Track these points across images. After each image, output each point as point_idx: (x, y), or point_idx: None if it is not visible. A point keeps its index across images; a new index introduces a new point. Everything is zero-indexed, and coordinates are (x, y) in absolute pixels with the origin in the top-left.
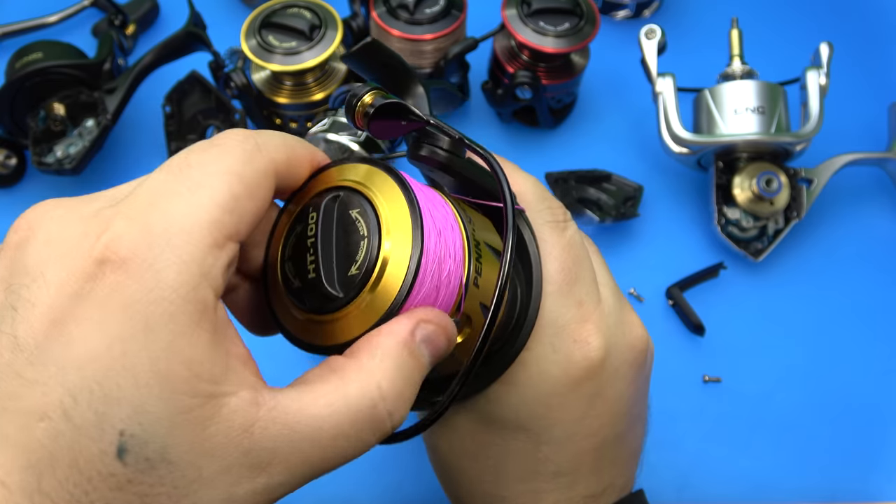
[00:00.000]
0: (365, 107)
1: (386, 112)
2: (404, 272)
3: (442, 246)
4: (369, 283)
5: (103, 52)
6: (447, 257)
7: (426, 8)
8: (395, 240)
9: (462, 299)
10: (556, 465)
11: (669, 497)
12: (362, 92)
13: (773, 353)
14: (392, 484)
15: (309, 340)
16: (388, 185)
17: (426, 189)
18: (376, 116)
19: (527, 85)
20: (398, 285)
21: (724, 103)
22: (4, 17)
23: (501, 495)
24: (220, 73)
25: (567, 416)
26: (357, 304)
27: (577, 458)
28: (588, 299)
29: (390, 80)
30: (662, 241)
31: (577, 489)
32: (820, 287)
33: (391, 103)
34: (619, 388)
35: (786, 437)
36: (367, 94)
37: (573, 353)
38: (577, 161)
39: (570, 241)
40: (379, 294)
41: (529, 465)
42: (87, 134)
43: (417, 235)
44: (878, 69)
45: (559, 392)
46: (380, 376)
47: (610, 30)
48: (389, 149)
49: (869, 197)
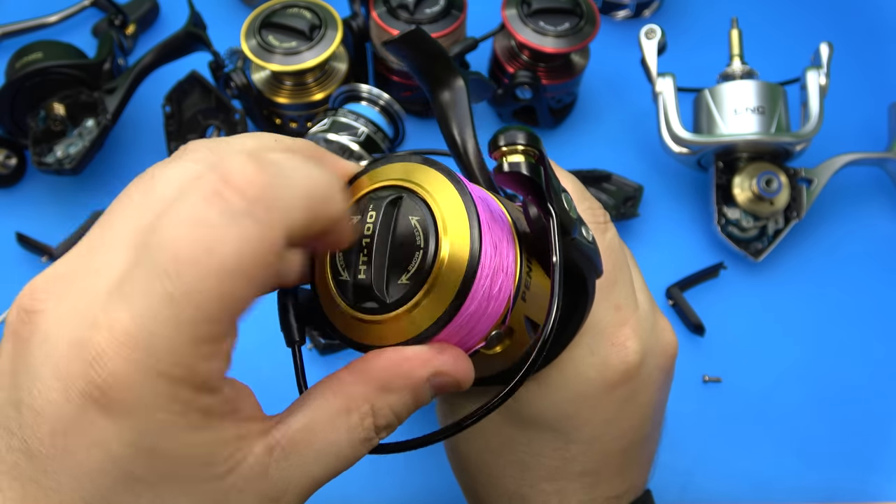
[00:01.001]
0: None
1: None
2: (456, 289)
3: (497, 260)
4: (417, 295)
5: (103, 52)
6: (500, 272)
7: (426, 8)
8: (450, 254)
9: (508, 312)
10: (582, 465)
11: (670, 497)
12: (518, 140)
13: (773, 352)
14: (392, 483)
15: (345, 332)
16: (448, 190)
17: (483, 194)
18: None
19: (527, 85)
20: (446, 304)
21: (724, 103)
22: (4, 17)
23: (523, 493)
24: (220, 73)
25: (598, 418)
26: (400, 313)
27: (603, 458)
28: (626, 303)
29: (431, 71)
30: (662, 241)
31: (601, 489)
32: (820, 287)
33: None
34: (650, 392)
35: (786, 436)
36: (522, 147)
37: (610, 357)
38: (577, 161)
39: (609, 244)
40: (424, 308)
41: (555, 464)
42: (87, 134)
43: (475, 252)
44: (878, 69)
45: (593, 394)
46: (381, 413)
47: (610, 30)
48: (389, 149)
49: (869, 197)
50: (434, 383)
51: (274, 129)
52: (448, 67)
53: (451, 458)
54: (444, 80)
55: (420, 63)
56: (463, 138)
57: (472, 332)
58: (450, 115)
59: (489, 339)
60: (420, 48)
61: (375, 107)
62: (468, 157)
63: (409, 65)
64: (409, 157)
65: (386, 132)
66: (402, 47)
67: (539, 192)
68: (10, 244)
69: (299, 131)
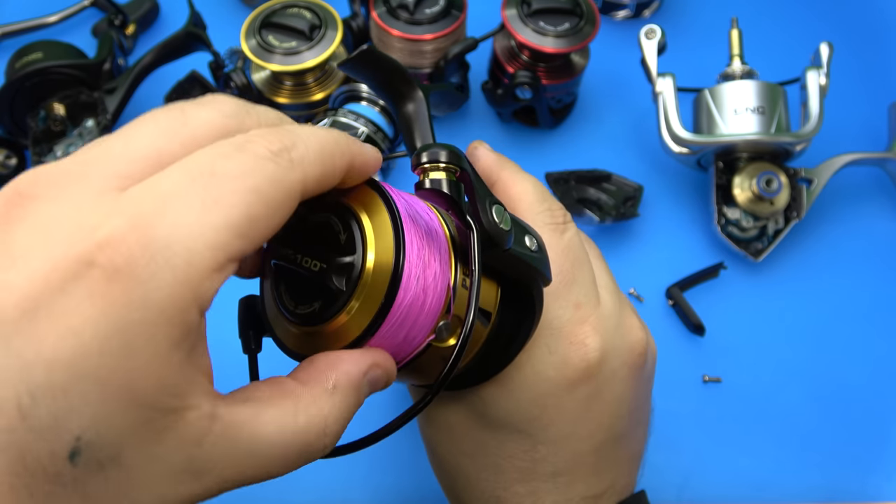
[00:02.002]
0: (430, 172)
1: (439, 196)
2: (383, 293)
3: (424, 263)
4: (349, 304)
5: (103, 52)
6: (433, 261)
7: (426, 8)
8: (375, 263)
9: (451, 302)
10: (554, 466)
11: (669, 497)
12: (441, 157)
13: (773, 352)
14: (390, 484)
15: (285, 341)
16: (376, 204)
17: (415, 207)
18: (428, 192)
19: (527, 85)
20: (375, 308)
21: (724, 103)
22: (4, 17)
23: (499, 495)
24: (220, 73)
25: (563, 418)
26: (335, 322)
27: (574, 458)
28: (586, 301)
29: (389, 87)
30: (662, 241)
31: (576, 489)
32: (820, 287)
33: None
34: (618, 390)
35: (786, 436)
36: (443, 164)
37: (569, 355)
38: (577, 161)
39: (568, 244)
40: (356, 315)
41: (527, 465)
42: (87, 134)
43: (399, 260)
44: (878, 69)
45: (554, 393)
46: (328, 412)
47: (610, 30)
48: (389, 149)
49: (869, 197)
50: (370, 378)
51: None
52: (406, 81)
53: (431, 461)
54: (405, 94)
55: (379, 79)
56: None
57: (415, 327)
58: (413, 126)
59: (438, 330)
60: (376, 65)
61: (375, 107)
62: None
63: (370, 83)
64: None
65: (386, 132)
66: (358, 66)
67: (457, 207)
68: None
69: None
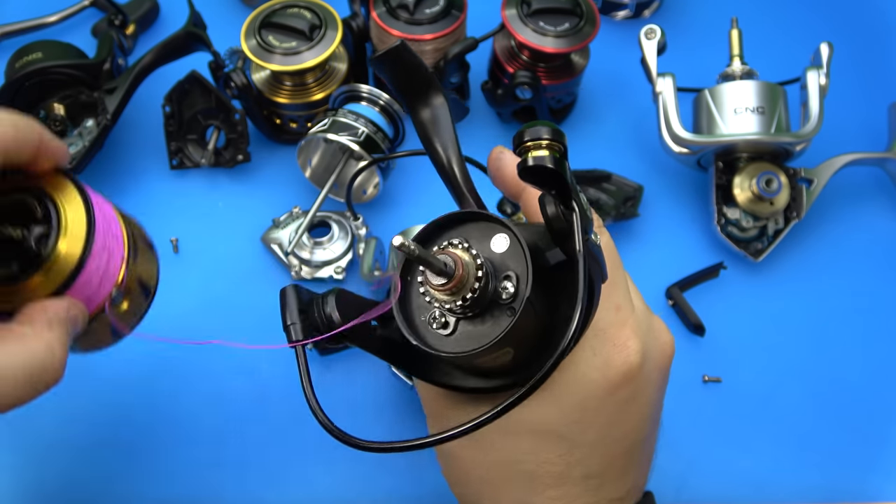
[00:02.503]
0: (533, 150)
1: (539, 174)
2: (79, 251)
3: (106, 228)
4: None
5: (103, 52)
6: (110, 238)
7: (426, 8)
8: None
9: (124, 275)
10: (587, 468)
11: (669, 497)
12: (543, 135)
13: (773, 353)
14: (391, 485)
15: None
16: (66, 183)
17: (96, 194)
18: (532, 170)
19: (527, 85)
20: (75, 261)
21: (724, 103)
22: (4, 17)
23: (530, 501)
24: (220, 73)
25: (601, 421)
26: (36, 278)
27: (606, 461)
28: (625, 304)
29: (413, 87)
30: (662, 241)
31: (605, 491)
32: (820, 287)
33: (552, 171)
34: (650, 392)
35: (785, 437)
36: (547, 142)
37: (612, 357)
38: (577, 161)
39: (607, 246)
40: (56, 269)
41: (560, 470)
42: (87, 134)
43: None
44: (878, 69)
45: (596, 396)
46: (51, 340)
47: (610, 30)
48: (389, 149)
49: (869, 197)
50: (72, 316)
51: (274, 128)
52: (430, 84)
53: (452, 473)
54: (425, 97)
55: (403, 79)
56: (448, 157)
57: (100, 287)
58: (433, 130)
59: (115, 295)
60: (403, 64)
61: (375, 107)
62: (456, 176)
63: (392, 81)
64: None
65: (386, 132)
66: (387, 63)
67: (564, 186)
68: None
69: (299, 131)
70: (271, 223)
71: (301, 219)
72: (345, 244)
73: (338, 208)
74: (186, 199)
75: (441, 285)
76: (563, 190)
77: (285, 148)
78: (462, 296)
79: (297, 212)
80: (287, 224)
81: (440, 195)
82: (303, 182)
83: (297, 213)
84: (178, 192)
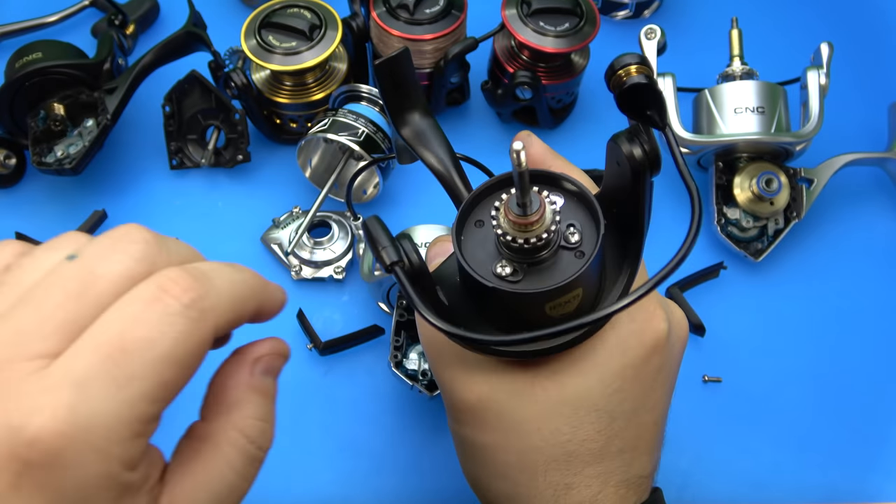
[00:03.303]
0: (628, 75)
1: (639, 93)
2: None
3: None
4: None
5: (103, 52)
6: None
7: (426, 8)
8: None
9: None
10: (623, 441)
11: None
12: (630, 61)
13: (773, 352)
14: (391, 486)
15: None
16: None
17: None
18: (630, 91)
19: (527, 85)
20: None
21: (724, 103)
22: (4, 17)
23: (568, 482)
24: (220, 73)
25: (637, 389)
26: None
27: (639, 433)
28: (646, 276)
29: (397, 100)
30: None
31: (635, 468)
32: (820, 287)
33: (649, 87)
34: (674, 364)
35: (785, 437)
36: (634, 65)
37: (647, 324)
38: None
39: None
40: None
41: (599, 446)
42: (86, 134)
43: None
44: (878, 69)
45: (634, 364)
46: (243, 426)
47: (610, 30)
48: (389, 149)
49: (869, 197)
50: (261, 370)
51: (274, 128)
52: (416, 102)
53: (482, 469)
54: (407, 114)
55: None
56: (445, 167)
57: None
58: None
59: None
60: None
61: (375, 107)
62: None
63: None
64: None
65: (385, 132)
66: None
67: (658, 101)
68: None
69: (299, 131)
70: (271, 223)
71: (301, 219)
72: (345, 244)
73: (338, 208)
74: (186, 199)
75: (522, 218)
76: (658, 105)
77: (285, 148)
78: (538, 234)
79: (297, 212)
80: (287, 224)
81: (440, 195)
82: (303, 182)
83: (297, 213)
84: (178, 192)
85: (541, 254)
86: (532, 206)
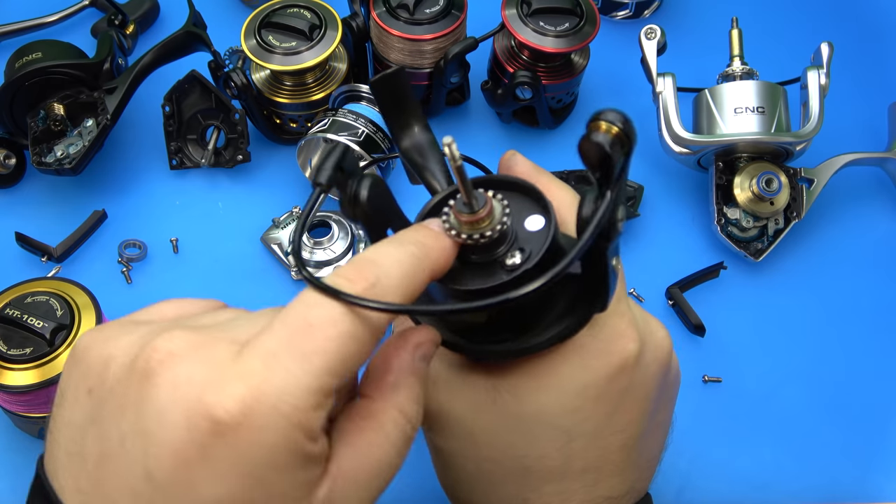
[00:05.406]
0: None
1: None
2: None
3: None
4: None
5: (103, 52)
6: None
7: (426, 8)
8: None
9: None
10: (584, 462)
11: (669, 497)
12: (617, 122)
13: (773, 353)
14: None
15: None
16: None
17: None
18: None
19: (527, 85)
20: None
21: (724, 103)
22: (4, 17)
23: (525, 497)
24: (220, 73)
25: (600, 410)
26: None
27: (603, 455)
28: (623, 297)
29: (396, 115)
30: (662, 241)
31: (600, 489)
32: (820, 287)
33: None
34: (648, 386)
35: (786, 437)
36: (616, 129)
37: (612, 344)
38: (577, 161)
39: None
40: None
41: (557, 464)
42: (86, 134)
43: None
44: (878, 69)
45: (596, 384)
46: (403, 406)
47: (610, 30)
48: (389, 148)
49: (869, 197)
50: (420, 356)
51: (274, 128)
52: (414, 118)
53: (446, 473)
54: (414, 128)
55: (393, 106)
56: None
57: None
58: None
59: None
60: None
61: (375, 107)
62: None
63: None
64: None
65: (385, 132)
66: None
67: (610, 172)
68: (9, 244)
69: (299, 131)
70: (271, 223)
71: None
72: (345, 244)
73: (338, 208)
74: (186, 199)
75: (465, 214)
76: (608, 175)
77: (285, 148)
78: (481, 232)
79: (298, 212)
80: (287, 224)
81: None
82: (303, 182)
83: (298, 213)
84: (178, 192)
85: (474, 255)
86: (478, 203)
